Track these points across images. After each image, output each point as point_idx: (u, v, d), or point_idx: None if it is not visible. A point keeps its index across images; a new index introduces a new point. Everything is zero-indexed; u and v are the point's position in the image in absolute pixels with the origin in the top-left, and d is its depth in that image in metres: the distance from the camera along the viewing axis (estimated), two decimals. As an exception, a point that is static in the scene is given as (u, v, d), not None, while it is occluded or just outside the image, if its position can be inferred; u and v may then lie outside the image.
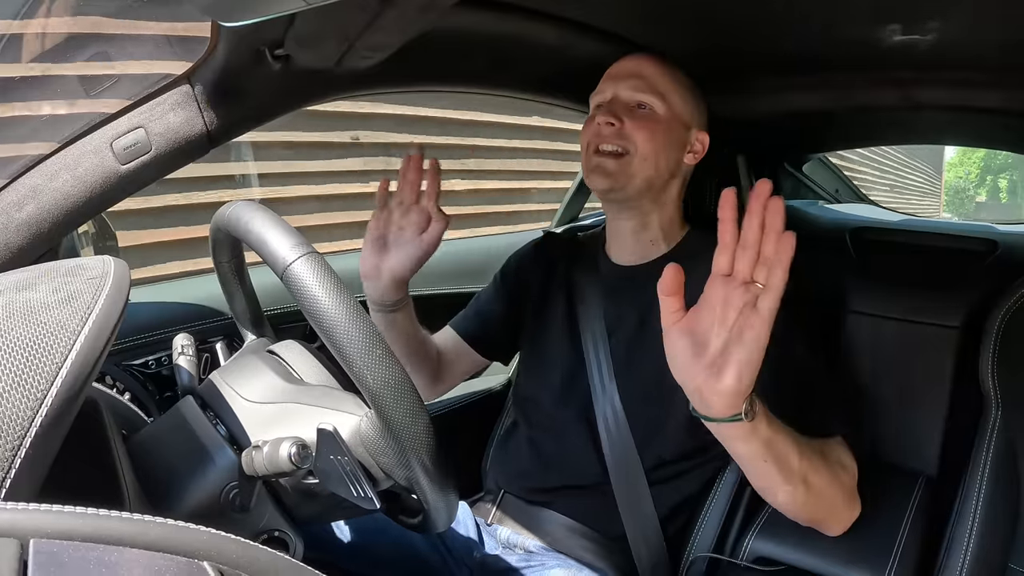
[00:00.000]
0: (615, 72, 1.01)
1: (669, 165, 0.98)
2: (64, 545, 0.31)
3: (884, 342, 1.16)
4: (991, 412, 1.00)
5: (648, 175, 0.96)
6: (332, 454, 0.59)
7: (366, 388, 0.57)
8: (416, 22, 0.74)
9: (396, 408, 0.57)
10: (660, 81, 0.98)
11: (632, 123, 0.95)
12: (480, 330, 1.14)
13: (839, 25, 0.95)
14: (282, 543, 0.64)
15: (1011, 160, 7.17)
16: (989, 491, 0.96)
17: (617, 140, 0.95)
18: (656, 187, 0.98)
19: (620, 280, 1.02)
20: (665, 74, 0.99)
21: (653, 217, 1.01)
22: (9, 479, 0.37)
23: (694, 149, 1.01)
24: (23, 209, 0.74)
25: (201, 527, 0.35)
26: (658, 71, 0.99)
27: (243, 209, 0.63)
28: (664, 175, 0.98)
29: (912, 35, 0.95)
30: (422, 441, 0.58)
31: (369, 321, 0.56)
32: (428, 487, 0.61)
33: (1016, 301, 1.02)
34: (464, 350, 1.14)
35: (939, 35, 0.93)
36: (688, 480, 0.98)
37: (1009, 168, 7.59)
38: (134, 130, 0.77)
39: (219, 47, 0.77)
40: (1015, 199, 21.74)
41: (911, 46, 0.99)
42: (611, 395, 0.97)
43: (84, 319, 0.45)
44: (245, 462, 0.59)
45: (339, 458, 0.59)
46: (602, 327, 1.00)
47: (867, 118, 1.39)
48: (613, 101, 0.98)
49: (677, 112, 0.98)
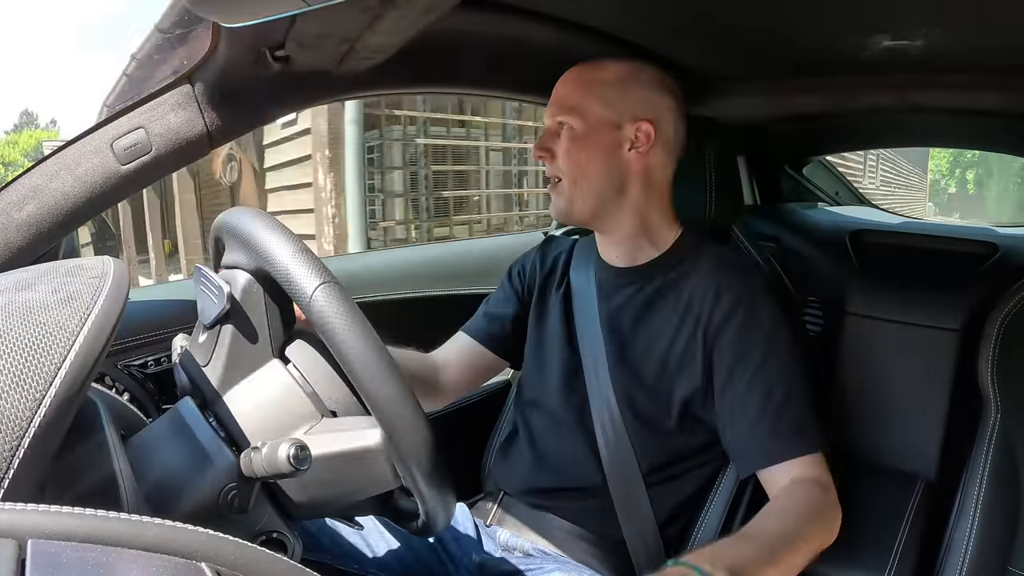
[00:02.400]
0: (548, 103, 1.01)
1: (605, 172, 0.95)
2: (62, 546, 0.31)
3: (884, 345, 1.16)
4: (990, 415, 1.00)
5: (586, 192, 0.96)
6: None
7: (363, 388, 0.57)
8: (416, 23, 0.74)
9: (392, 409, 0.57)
10: (572, 95, 0.96)
11: (556, 148, 0.96)
12: (496, 331, 1.13)
13: (838, 28, 0.95)
14: (280, 544, 0.64)
15: (978, 156, 7.41)
16: (988, 494, 0.96)
17: (552, 169, 0.97)
18: (607, 197, 0.96)
19: (615, 282, 1.02)
20: (578, 85, 0.97)
21: (628, 224, 0.99)
22: (7, 479, 0.37)
23: (636, 143, 0.95)
24: (23, 209, 0.74)
25: (199, 528, 0.35)
26: (570, 86, 0.97)
27: (252, 220, 0.63)
28: (606, 184, 0.96)
29: (911, 39, 0.95)
30: (420, 445, 0.58)
31: (391, 361, 0.58)
32: (426, 488, 0.61)
33: (1016, 304, 1.02)
34: (479, 353, 1.13)
35: (938, 38, 0.93)
36: (687, 481, 0.98)
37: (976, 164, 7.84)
38: (135, 130, 0.78)
39: (220, 48, 0.77)
40: (981, 191, 22.84)
41: (910, 49, 0.99)
42: (607, 397, 0.97)
43: (83, 320, 0.45)
44: (244, 463, 0.59)
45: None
46: (598, 329, 1.00)
47: (867, 121, 1.39)
48: (543, 132, 0.99)
49: (596, 118, 0.94)
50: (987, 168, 7.34)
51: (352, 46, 0.78)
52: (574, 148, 0.95)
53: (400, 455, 0.60)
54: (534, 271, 1.14)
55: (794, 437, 0.87)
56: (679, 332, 0.94)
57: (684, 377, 0.93)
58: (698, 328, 0.93)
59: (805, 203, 1.68)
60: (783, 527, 0.79)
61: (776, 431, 0.87)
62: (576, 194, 0.96)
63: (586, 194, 0.96)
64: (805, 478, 0.85)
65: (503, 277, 1.17)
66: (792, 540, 0.77)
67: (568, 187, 0.96)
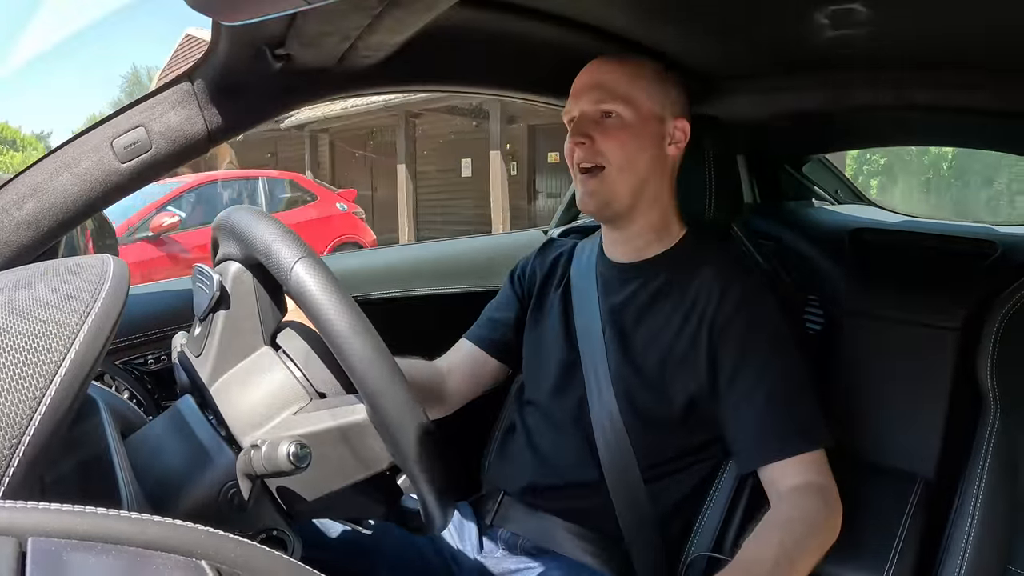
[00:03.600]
0: (576, 88, 0.99)
1: (650, 165, 0.97)
2: (62, 544, 0.31)
3: (883, 343, 1.16)
4: (990, 414, 1.00)
5: (631, 183, 0.96)
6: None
7: (363, 387, 0.57)
8: (417, 21, 0.74)
9: (393, 408, 0.57)
10: (620, 84, 0.96)
11: (601, 136, 0.95)
12: (499, 336, 1.13)
13: (836, 26, 0.95)
14: (280, 543, 0.64)
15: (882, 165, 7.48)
16: (988, 493, 0.96)
17: (591, 156, 0.95)
18: (644, 190, 0.97)
19: (616, 278, 1.02)
20: (625, 74, 0.97)
21: (647, 218, 1.00)
22: (7, 477, 0.37)
23: (675, 139, 0.99)
24: (23, 207, 0.74)
25: (199, 526, 0.35)
26: (617, 74, 0.97)
27: (244, 214, 0.64)
28: (648, 176, 0.97)
29: (910, 37, 0.95)
30: (419, 443, 0.58)
31: (369, 327, 0.57)
32: (426, 487, 0.61)
33: (1016, 303, 1.02)
34: (482, 360, 1.13)
35: (938, 37, 0.94)
36: (686, 478, 0.98)
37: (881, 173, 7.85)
38: (134, 129, 0.77)
39: (220, 46, 0.77)
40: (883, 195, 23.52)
41: (910, 47, 0.99)
42: (607, 395, 0.97)
43: (83, 318, 0.45)
44: (243, 461, 0.59)
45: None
46: (598, 326, 1.00)
47: (867, 119, 1.39)
48: (579, 118, 0.97)
49: (646, 110, 0.96)
50: (891, 176, 7.44)
51: (353, 44, 0.78)
52: (626, 136, 0.94)
53: (384, 423, 0.59)
54: (534, 273, 1.14)
55: (796, 435, 0.87)
56: (682, 329, 0.94)
57: (686, 374, 0.93)
58: (702, 326, 0.93)
59: (805, 202, 1.68)
60: (780, 550, 0.78)
61: (778, 429, 0.87)
62: (621, 183, 0.95)
63: (631, 184, 0.96)
64: (806, 483, 0.85)
65: (504, 281, 1.17)
66: (791, 559, 0.78)
67: (614, 175, 0.95)
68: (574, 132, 0.96)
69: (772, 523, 0.83)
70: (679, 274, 0.98)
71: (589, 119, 0.96)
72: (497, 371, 1.15)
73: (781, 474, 0.87)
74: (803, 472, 0.86)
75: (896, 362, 1.15)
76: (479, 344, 1.13)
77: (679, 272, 0.98)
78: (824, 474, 0.87)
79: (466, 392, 1.13)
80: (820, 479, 0.86)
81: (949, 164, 6.09)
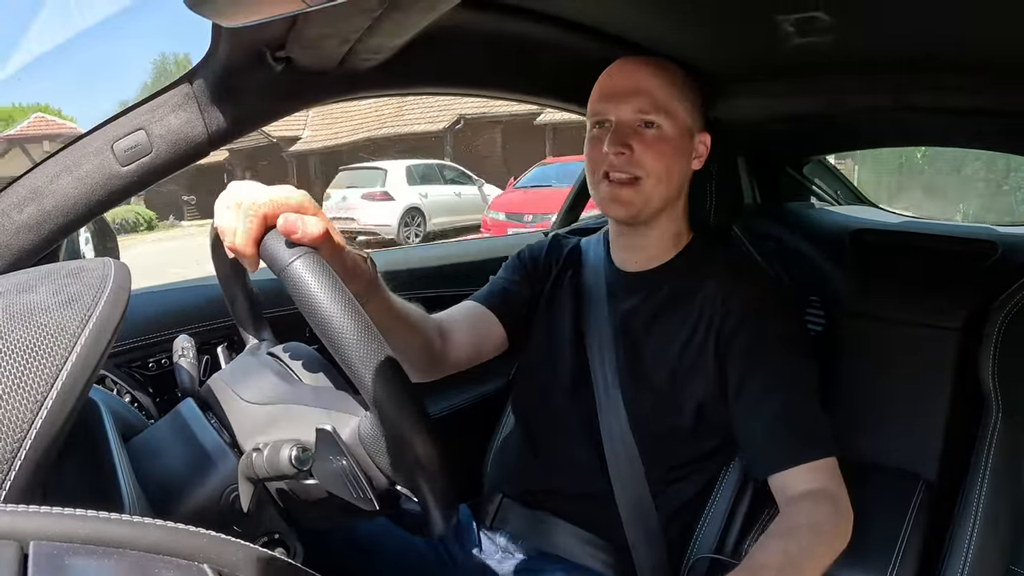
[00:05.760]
0: (612, 89, 0.95)
1: (680, 179, 0.97)
2: (64, 547, 0.31)
3: (884, 344, 1.16)
4: (992, 414, 1.00)
5: (664, 195, 0.95)
6: (331, 455, 0.59)
7: (365, 389, 0.57)
8: (417, 23, 0.74)
9: (396, 411, 0.57)
10: (662, 94, 0.93)
11: (641, 147, 0.92)
12: (511, 302, 1.05)
13: (837, 29, 0.95)
14: (283, 546, 0.63)
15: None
16: (990, 493, 0.96)
17: (628, 167, 0.92)
18: (670, 202, 0.97)
19: (626, 287, 1.01)
20: (666, 84, 0.94)
21: (666, 227, 1.00)
22: (9, 481, 0.37)
23: (699, 153, 0.99)
24: (24, 210, 0.74)
25: (201, 530, 0.35)
26: (659, 82, 0.94)
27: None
28: (676, 189, 0.97)
29: (909, 38, 0.95)
30: (421, 444, 0.58)
31: (366, 320, 0.56)
32: (428, 491, 0.61)
33: (1017, 303, 1.02)
34: (487, 320, 1.03)
35: (936, 38, 0.94)
36: (691, 482, 0.97)
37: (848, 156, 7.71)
38: (135, 132, 0.77)
39: (220, 48, 0.77)
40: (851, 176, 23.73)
41: (909, 49, 0.99)
42: (616, 403, 0.96)
43: (84, 321, 0.45)
44: (245, 464, 0.59)
45: (338, 459, 0.59)
46: (608, 334, 0.99)
47: (867, 121, 1.39)
48: (618, 126, 0.93)
49: (682, 123, 0.95)
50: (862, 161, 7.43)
51: (353, 46, 0.78)
52: (666, 148, 0.93)
53: (373, 399, 0.56)
54: (548, 266, 1.09)
55: (808, 441, 0.86)
56: (691, 340, 0.94)
57: (695, 383, 0.93)
58: (710, 335, 0.92)
59: (805, 203, 1.68)
60: (785, 557, 0.77)
61: (788, 438, 0.87)
62: (655, 195, 0.94)
63: (663, 196, 0.95)
64: (815, 490, 0.84)
65: (511, 261, 1.11)
66: (797, 566, 0.77)
67: (652, 187, 0.93)
68: (613, 141, 0.92)
69: (779, 530, 0.82)
70: (685, 284, 0.97)
71: (629, 127, 0.93)
72: (499, 341, 1.04)
73: (790, 481, 0.86)
74: (813, 479, 0.85)
75: (897, 363, 1.15)
76: (491, 308, 1.03)
77: (685, 282, 0.97)
78: (834, 480, 0.86)
79: (464, 355, 1.00)
80: (830, 485, 0.85)
81: (923, 152, 6.14)
